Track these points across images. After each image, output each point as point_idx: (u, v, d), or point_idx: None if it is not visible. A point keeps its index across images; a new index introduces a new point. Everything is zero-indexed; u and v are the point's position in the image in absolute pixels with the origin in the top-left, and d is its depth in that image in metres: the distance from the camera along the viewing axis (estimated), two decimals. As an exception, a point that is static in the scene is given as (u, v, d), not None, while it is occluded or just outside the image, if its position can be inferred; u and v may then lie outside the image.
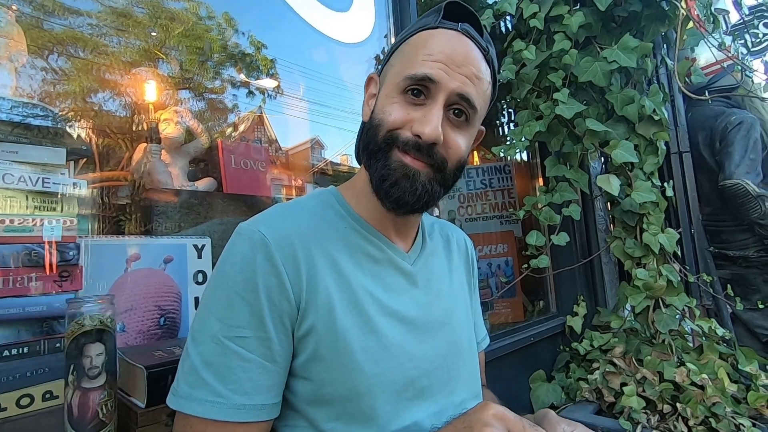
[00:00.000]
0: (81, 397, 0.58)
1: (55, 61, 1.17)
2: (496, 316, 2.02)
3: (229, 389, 0.50)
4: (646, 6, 1.62)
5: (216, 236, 1.12)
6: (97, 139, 1.21)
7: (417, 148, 0.56)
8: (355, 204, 0.65)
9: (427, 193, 0.58)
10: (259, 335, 0.52)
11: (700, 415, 1.28)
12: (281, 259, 0.54)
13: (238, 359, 0.51)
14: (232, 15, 1.56)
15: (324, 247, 0.59)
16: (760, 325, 2.10)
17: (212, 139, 1.43)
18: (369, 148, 0.60)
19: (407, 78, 0.57)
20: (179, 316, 1.00)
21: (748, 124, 2.08)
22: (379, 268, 0.62)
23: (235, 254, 0.55)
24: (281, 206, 0.64)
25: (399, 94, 0.58)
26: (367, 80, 0.68)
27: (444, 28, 0.59)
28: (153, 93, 1.32)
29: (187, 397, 0.51)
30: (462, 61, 0.57)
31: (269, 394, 0.53)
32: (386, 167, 0.57)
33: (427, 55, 0.57)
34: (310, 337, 0.55)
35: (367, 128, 0.61)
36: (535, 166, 2.25)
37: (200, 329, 0.54)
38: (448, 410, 0.62)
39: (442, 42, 0.58)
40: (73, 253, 0.73)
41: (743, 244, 2.15)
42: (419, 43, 0.59)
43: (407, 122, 0.57)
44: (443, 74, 0.56)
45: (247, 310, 0.52)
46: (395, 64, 0.62)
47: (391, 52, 0.65)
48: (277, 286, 0.54)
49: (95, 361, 0.59)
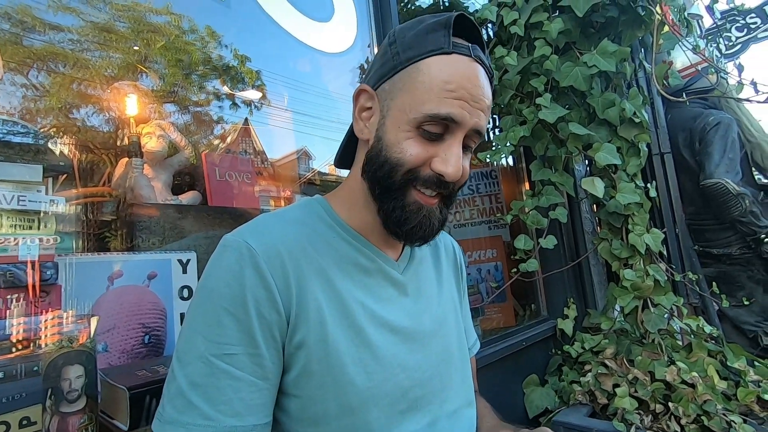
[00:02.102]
0: (60, 422, 0.56)
1: (36, 77, 1.15)
2: (487, 322, 2.02)
3: (218, 411, 0.48)
4: (623, 12, 1.66)
5: (201, 250, 1.11)
6: (77, 154, 1.19)
7: (437, 184, 0.57)
8: (344, 213, 0.64)
9: (440, 223, 0.60)
10: (249, 351, 0.51)
11: (692, 414, 1.29)
12: (270, 270, 0.53)
13: (227, 378, 0.49)
14: (213, 27, 1.56)
15: (312, 258, 0.57)
16: (746, 321, 2.13)
17: (197, 152, 1.41)
18: (383, 184, 0.58)
19: (428, 116, 0.54)
20: (164, 334, 0.98)
21: (725, 125, 2.14)
22: (369, 279, 0.61)
23: (220, 268, 0.53)
24: (266, 216, 0.62)
25: (414, 128, 0.56)
26: (357, 92, 0.63)
27: (458, 53, 0.56)
28: (134, 107, 1.30)
29: (173, 422, 0.48)
30: (479, 95, 0.56)
31: (261, 414, 0.51)
32: (403, 209, 0.57)
33: (449, 91, 0.54)
34: (300, 351, 0.53)
35: (381, 161, 0.57)
36: (521, 171, 2.27)
37: (186, 349, 0.51)
38: (441, 420, 0.61)
39: (459, 74, 0.55)
40: (50, 273, 0.71)
41: (726, 241, 2.20)
42: (435, 74, 0.55)
43: (427, 160, 0.56)
44: (465, 114, 0.55)
45: (235, 326, 0.50)
46: (405, 90, 0.57)
47: (391, 69, 0.59)
48: (267, 298, 0.52)
49: (74, 383, 0.57)
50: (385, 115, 0.59)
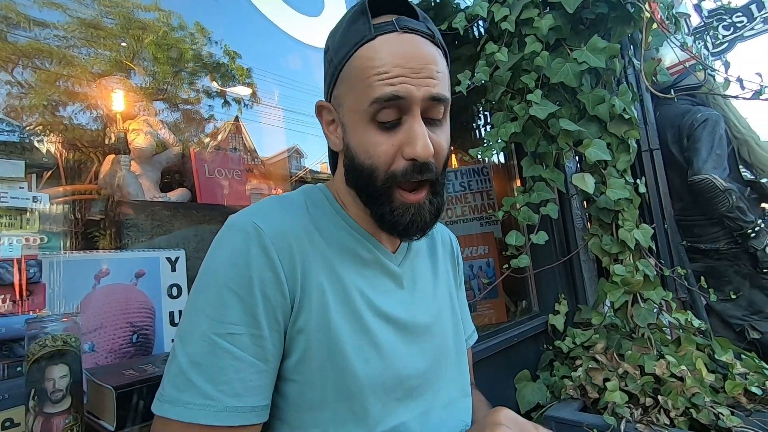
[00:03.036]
0: (44, 423, 0.54)
1: (21, 74, 1.13)
2: (479, 318, 2.02)
3: (219, 390, 0.47)
4: (612, 8, 1.67)
5: (191, 248, 1.09)
6: (62, 151, 1.16)
7: (417, 171, 0.55)
8: (343, 202, 0.64)
9: (433, 215, 0.59)
10: (252, 332, 0.50)
11: (680, 407, 1.31)
12: (277, 252, 0.52)
13: (229, 358, 0.48)
14: (202, 23, 1.54)
15: (317, 243, 0.57)
16: (733, 315, 2.17)
17: (186, 149, 1.40)
18: (367, 191, 0.57)
19: (373, 103, 0.53)
20: (153, 333, 0.96)
21: (713, 121, 2.16)
22: (368, 269, 0.61)
23: (226, 248, 0.52)
24: (272, 199, 0.62)
25: (369, 123, 0.55)
26: (318, 109, 0.63)
27: (383, 34, 0.54)
28: (121, 102, 1.28)
29: (172, 401, 0.47)
30: (418, 66, 0.53)
31: (260, 396, 0.50)
32: (392, 213, 0.56)
33: (382, 74, 0.52)
34: (302, 335, 0.53)
35: (357, 169, 0.57)
36: (512, 168, 2.28)
37: (188, 329, 0.50)
38: (434, 410, 0.61)
39: (388, 53, 0.53)
40: (34, 271, 0.69)
41: (714, 237, 2.23)
42: (364, 65, 0.54)
43: (396, 152, 0.55)
44: (409, 87, 0.52)
45: (239, 306, 0.50)
46: (348, 91, 0.57)
47: (332, 77, 0.59)
48: (273, 280, 0.51)
49: (59, 383, 0.56)
50: (344, 123, 0.59)
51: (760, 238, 2.05)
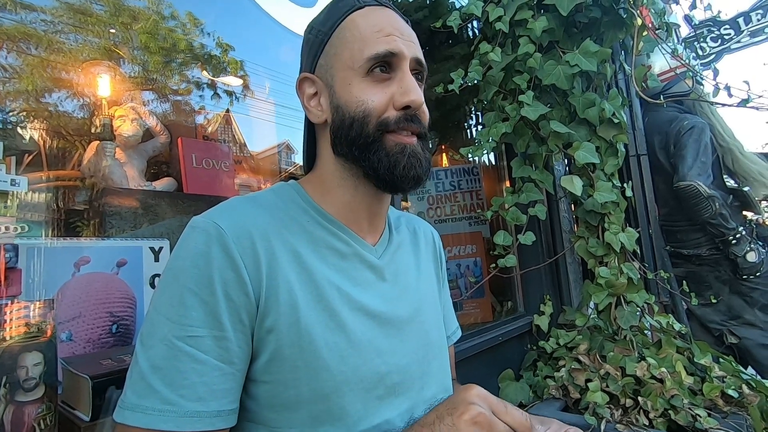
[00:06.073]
0: (15, 412, 0.53)
1: (5, 58, 1.10)
2: (465, 317, 2.03)
3: (180, 395, 0.46)
4: (605, 13, 1.69)
5: (175, 237, 1.07)
6: (44, 136, 1.13)
7: (409, 119, 0.59)
8: (319, 198, 0.63)
9: (428, 162, 0.61)
10: (215, 334, 0.49)
11: (659, 408, 1.33)
12: (239, 251, 0.51)
13: (190, 361, 0.47)
14: (194, 11, 1.51)
15: (285, 240, 0.56)
16: (713, 320, 2.21)
17: (173, 138, 1.37)
18: (358, 142, 0.58)
19: (370, 59, 0.58)
20: (133, 323, 0.94)
21: (699, 129, 2.20)
22: (346, 263, 0.60)
23: (187, 249, 0.52)
24: (237, 199, 0.61)
25: (364, 76, 0.59)
26: (300, 81, 0.65)
27: (371, 5, 0.62)
28: (106, 87, 1.25)
29: (133, 407, 0.46)
30: (405, 31, 0.62)
31: (225, 400, 0.49)
32: (388, 156, 0.58)
33: (379, 32, 0.59)
34: (271, 335, 0.52)
35: (348, 123, 0.59)
36: (502, 169, 2.29)
37: (149, 332, 0.50)
38: (419, 406, 0.61)
39: (380, 18, 0.61)
40: (9, 255, 0.67)
41: (696, 243, 2.27)
42: (361, 25, 0.60)
43: (389, 102, 0.58)
44: (401, 45, 0.59)
45: (200, 307, 0.49)
46: (341, 50, 0.61)
47: (320, 46, 0.63)
48: (235, 280, 0.50)
49: (32, 371, 0.54)
50: (332, 84, 0.61)
51: (741, 245, 2.09)
